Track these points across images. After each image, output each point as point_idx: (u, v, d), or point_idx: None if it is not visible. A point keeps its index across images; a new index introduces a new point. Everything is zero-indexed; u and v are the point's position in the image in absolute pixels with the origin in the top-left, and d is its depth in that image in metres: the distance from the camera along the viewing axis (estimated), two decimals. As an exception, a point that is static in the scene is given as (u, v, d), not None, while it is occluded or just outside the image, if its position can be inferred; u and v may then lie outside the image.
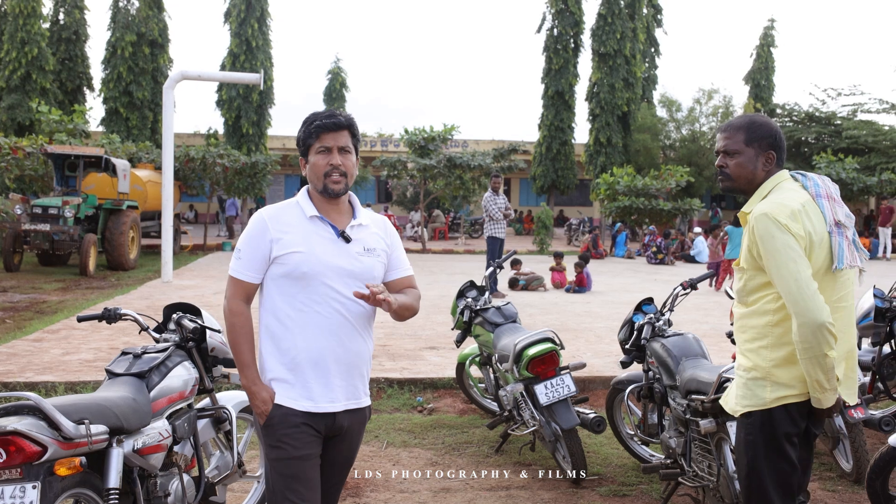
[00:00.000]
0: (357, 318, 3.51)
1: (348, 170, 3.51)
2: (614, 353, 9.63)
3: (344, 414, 3.50)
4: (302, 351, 3.42)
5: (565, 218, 44.25)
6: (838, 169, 31.73)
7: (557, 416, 5.86)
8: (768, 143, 3.68)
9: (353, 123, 3.54)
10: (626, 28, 38.56)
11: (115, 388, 4.01)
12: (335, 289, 3.44)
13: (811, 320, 3.34)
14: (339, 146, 3.48)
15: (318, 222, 3.51)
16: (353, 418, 3.56)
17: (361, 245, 3.55)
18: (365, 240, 3.58)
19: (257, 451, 5.51)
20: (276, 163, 29.71)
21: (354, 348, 3.51)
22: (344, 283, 3.46)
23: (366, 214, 3.67)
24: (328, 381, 3.45)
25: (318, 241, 3.47)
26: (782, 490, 3.59)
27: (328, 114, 3.51)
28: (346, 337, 3.47)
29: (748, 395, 3.63)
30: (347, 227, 3.55)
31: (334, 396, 3.47)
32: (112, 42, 35.55)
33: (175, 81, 18.02)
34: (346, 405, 3.51)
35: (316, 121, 3.49)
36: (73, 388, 7.89)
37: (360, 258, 3.52)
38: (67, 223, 18.74)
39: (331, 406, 3.46)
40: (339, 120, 3.49)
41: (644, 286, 18.20)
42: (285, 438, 3.41)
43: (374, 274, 3.55)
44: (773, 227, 3.44)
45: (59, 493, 3.43)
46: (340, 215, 3.59)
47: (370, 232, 3.63)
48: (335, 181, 3.48)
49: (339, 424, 3.50)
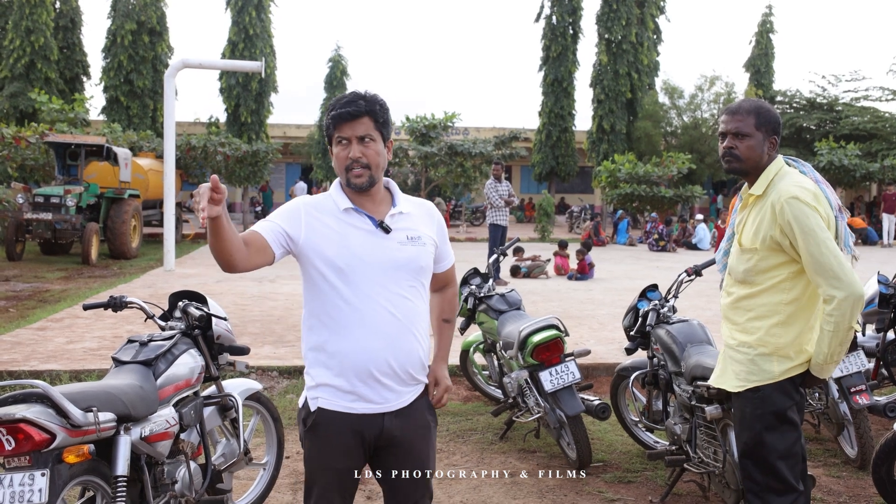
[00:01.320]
0: (405, 313, 3.22)
1: (372, 160, 3.17)
2: (618, 339, 9.63)
3: (393, 418, 3.24)
4: (347, 353, 3.16)
5: (567, 205, 44.19)
6: (840, 155, 31.65)
7: (562, 402, 5.86)
8: (773, 129, 3.83)
9: (375, 108, 3.19)
10: (633, 15, 38.46)
11: (122, 375, 4.02)
12: (377, 283, 3.16)
13: (853, 293, 3.51)
14: (358, 136, 3.15)
15: (354, 214, 3.22)
16: (407, 421, 3.27)
17: (404, 234, 3.25)
18: (408, 228, 3.28)
19: (263, 439, 5.52)
20: (277, 151, 29.69)
21: (404, 346, 3.21)
22: (387, 275, 3.18)
23: (407, 201, 3.38)
24: (375, 384, 3.18)
25: (353, 233, 3.18)
26: (792, 458, 3.77)
27: (346, 100, 3.19)
28: (394, 335, 3.18)
29: (755, 371, 3.79)
30: (387, 217, 3.25)
31: (381, 399, 3.21)
32: (112, 30, 35.51)
33: (176, 70, 18.01)
34: (394, 406, 3.24)
35: (333, 109, 3.19)
36: (77, 377, 7.90)
37: (404, 248, 3.23)
38: (69, 212, 18.74)
39: (380, 408, 3.21)
40: (358, 107, 3.15)
41: (646, 273, 18.20)
42: (327, 445, 3.22)
43: (421, 263, 3.27)
44: (807, 208, 3.59)
45: (68, 481, 3.44)
46: (377, 205, 3.28)
47: (414, 219, 3.33)
48: (357, 175, 3.17)
49: (388, 430, 3.23)
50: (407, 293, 3.23)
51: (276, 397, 7.65)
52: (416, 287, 3.28)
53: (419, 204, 3.44)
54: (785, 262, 3.71)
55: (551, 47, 39.29)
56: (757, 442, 3.79)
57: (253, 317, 11.49)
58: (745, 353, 3.82)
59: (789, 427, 3.76)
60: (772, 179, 3.78)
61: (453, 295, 3.60)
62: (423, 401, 3.37)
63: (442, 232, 3.45)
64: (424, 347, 3.31)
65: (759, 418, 3.78)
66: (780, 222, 3.64)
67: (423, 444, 3.35)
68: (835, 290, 3.53)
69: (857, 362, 5.92)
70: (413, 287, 3.26)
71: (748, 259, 3.80)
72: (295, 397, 7.68)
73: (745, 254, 3.82)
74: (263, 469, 5.24)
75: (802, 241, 3.59)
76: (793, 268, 3.70)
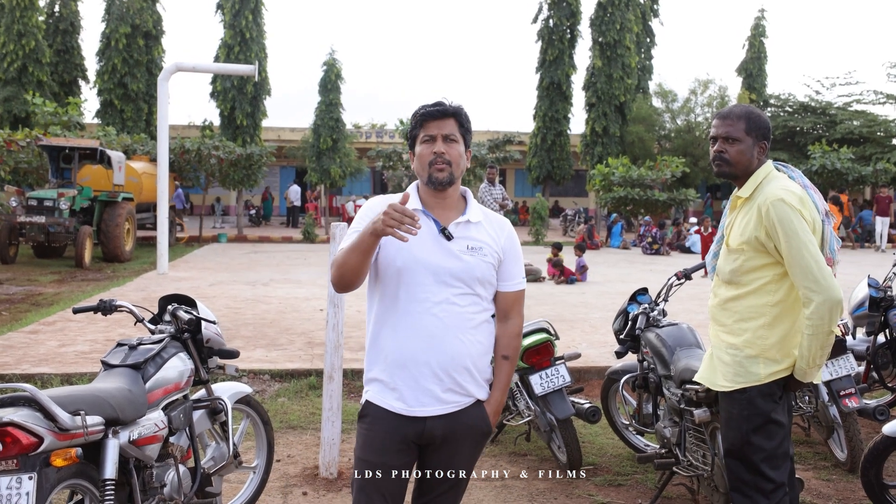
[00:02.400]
0: (452, 318, 3.21)
1: (454, 158, 3.25)
2: (609, 343, 9.64)
3: (436, 420, 3.22)
4: (392, 351, 3.22)
5: (561, 208, 44.26)
6: (833, 159, 31.71)
7: (552, 406, 5.87)
8: (763, 134, 3.90)
9: (461, 112, 3.32)
10: (626, 18, 38.52)
11: (110, 379, 4.01)
12: (430, 289, 3.19)
13: (831, 298, 3.57)
14: (444, 134, 3.25)
15: (421, 216, 3.22)
16: (451, 425, 3.25)
17: (465, 243, 3.26)
18: (472, 237, 3.28)
19: (253, 443, 5.52)
20: (271, 154, 29.68)
21: (449, 350, 3.19)
22: (440, 281, 3.20)
23: (479, 211, 3.39)
24: (417, 385, 3.19)
25: (417, 235, 3.09)
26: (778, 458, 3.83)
27: (434, 102, 3.32)
28: (438, 338, 3.19)
29: (742, 373, 3.84)
30: (452, 224, 3.27)
31: (424, 401, 3.21)
32: (106, 34, 35.50)
33: (170, 73, 18.00)
34: (436, 410, 3.22)
35: (421, 110, 3.30)
36: (68, 380, 7.90)
37: (462, 256, 3.23)
38: (63, 215, 18.74)
39: (421, 411, 3.21)
40: (445, 108, 3.28)
41: (639, 277, 18.23)
42: (372, 439, 3.25)
43: (477, 274, 3.25)
44: (791, 211, 3.65)
45: (56, 484, 3.43)
46: (447, 211, 3.31)
47: (481, 230, 3.33)
48: (439, 168, 3.23)
49: (430, 432, 3.23)
50: (458, 300, 3.23)
51: (267, 401, 7.65)
52: (471, 296, 3.27)
53: (492, 217, 3.44)
54: (770, 263, 3.77)
55: (548, 51, 39.30)
56: (744, 442, 3.84)
57: (246, 320, 11.49)
58: (732, 355, 3.88)
59: (776, 428, 3.81)
60: (760, 183, 3.85)
61: (517, 330, 3.47)
62: (477, 410, 3.34)
63: (512, 249, 3.42)
64: (474, 354, 3.28)
65: (746, 419, 3.83)
66: (766, 224, 3.70)
67: (463, 450, 3.33)
68: (813, 294, 3.59)
69: (847, 366, 5.94)
70: (466, 296, 3.25)
71: (735, 260, 3.87)
72: (286, 401, 7.69)
73: (732, 254, 3.90)
74: (253, 472, 5.24)
75: (785, 244, 3.65)
76: (778, 270, 3.76)
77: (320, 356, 8.87)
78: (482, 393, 3.35)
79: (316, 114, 34.28)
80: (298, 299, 13.80)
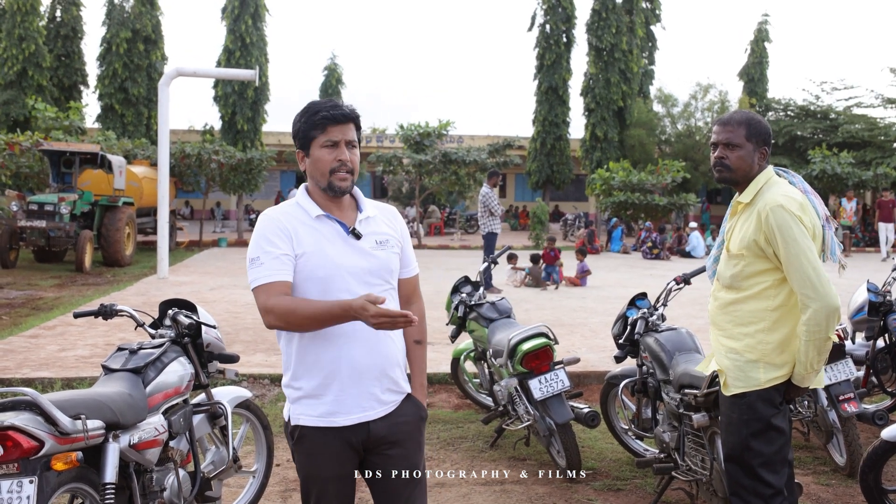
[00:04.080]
0: None
1: (355, 166, 3.25)
2: (608, 347, 9.65)
3: (378, 423, 3.23)
4: (330, 361, 3.16)
5: (561, 213, 44.24)
6: (833, 163, 31.67)
7: (552, 410, 5.88)
8: (763, 140, 3.93)
9: (358, 117, 3.27)
10: (622, 22, 38.51)
11: (111, 383, 4.03)
12: (354, 290, 3.13)
13: (828, 305, 3.60)
14: (347, 140, 3.21)
15: (326, 221, 3.23)
16: (392, 422, 3.27)
17: (373, 239, 3.28)
18: (376, 232, 3.30)
19: (253, 447, 5.53)
20: (271, 159, 29.70)
21: (383, 351, 3.23)
22: (362, 281, 3.19)
23: (371, 205, 3.40)
24: (359, 391, 3.18)
25: (328, 241, 3.19)
26: (778, 463, 3.85)
27: (332, 104, 3.23)
28: (374, 340, 3.19)
29: (742, 377, 3.87)
30: (356, 223, 3.27)
31: (366, 406, 3.21)
32: (107, 39, 35.48)
33: (171, 78, 18.03)
34: (378, 413, 3.24)
35: (321, 111, 3.19)
36: (69, 384, 7.91)
37: (375, 253, 3.25)
38: (63, 220, 18.75)
39: (364, 416, 3.21)
40: (346, 111, 3.21)
41: (639, 281, 18.23)
42: (316, 458, 3.22)
43: (391, 267, 3.30)
44: (790, 218, 3.68)
45: (56, 488, 3.45)
46: (345, 211, 3.30)
47: (379, 223, 3.35)
48: (342, 178, 3.21)
49: (374, 435, 3.23)
50: (385, 294, 3.21)
51: (267, 405, 7.66)
52: (389, 291, 3.29)
53: (382, 208, 3.47)
54: (770, 268, 3.79)
55: (545, 56, 39.27)
56: (743, 447, 3.86)
57: (245, 324, 11.50)
58: (733, 360, 3.90)
59: (776, 433, 3.83)
60: (760, 188, 3.88)
61: (421, 313, 3.51)
62: (409, 402, 3.37)
63: (405, 236, 3.46)
64: (401, 349, 3.35)
65: (746, 424, 3.85)
66: (765, 230, 3.73)
67: (411, 442, 3.34)
68: (810, 301, 3.62)
69: (846, 370, 5.95)
70: (386, 291, 3.26)
71: (735, 265, 3.90)
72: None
73: (733, 259, 3.92)
74: (253, 477, 5.25)
75: (784, 250, 3.67)
76: (778, 275, 3.78)
77: (320, 361, 8.86)
78: (408, 385, 3.39)
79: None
80: (298, 304, 13.76)
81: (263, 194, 40.60)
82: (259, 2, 34.51)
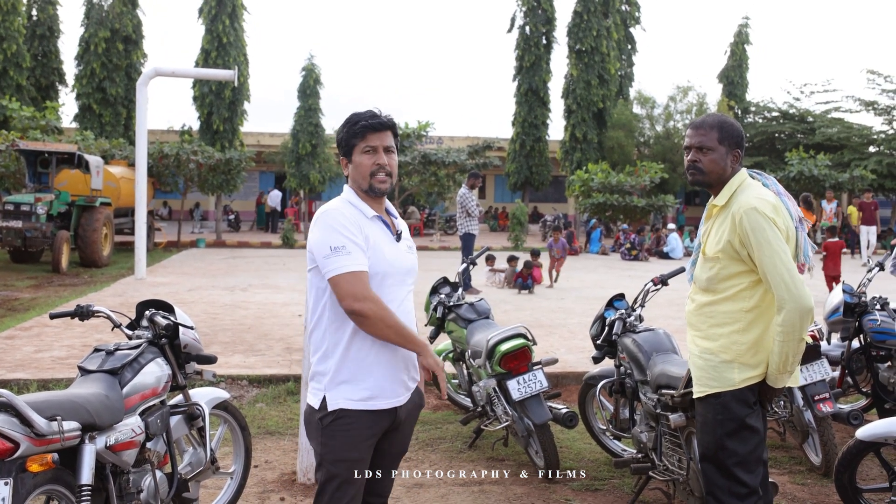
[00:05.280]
0: (409, 314, 3.58)
1: (393, 169, 3.55)
2: (587, 348, 9.67)
3: (403, 407, 3.55)
4: (375, 352, 3.43)
5: (540, 214, 44.33)
6: (810, 165, 31.91)
7: (530, 411, 5.89)
8: (736, 143, 3.97)
9: (395, 125, 3.59)
10: (602, 25, 38.65)
11: (87, 384, 4.01)
12: (396, 288, 3.50)
13: (802, 306, 3.63)
14: (385, 146, 3.51)
15: (378, 222, 3.53)
16: (409, 407, 3.60)
17: (405, 243, 3.63)
18: (406, 237, 3.67)
19: (231, 448, 5.51)
20: (250, 159, 29.60)
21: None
22: (401, 281, 3.53)
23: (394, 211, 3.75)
24: (395, 378, 3.49)
25: (383, 241, 3.50)
26: (753, 463, 3.87)
27: (371, 114, 3.53)
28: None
29: (716, 378, 3.89)
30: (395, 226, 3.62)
31: (399, 392, 3.52)
32: (85, 38, 35.24)
33: (149, 78, 17.95)
34: (405, 398, 3.56)
35: (361, 121, 3.49)
36: (45, 386, 7.86)
37: (410, 255, 3.62)
38: (40, 220, 18.63)
39: (397, 401, 3.51)
40: (384, 120, 3.52)
41: (618, 282, 18.30)
42: (354, 439, 3.43)
43: (417, 268, 3.67)
44: (763, 220, 3.71)
45: (32, 490, 3.43)
46: (384, 215, 3.61)
47: (404, 225, 3.72)
48: (381, 181, 3.50)
49: (399, 418, 3.55)
50: (409, 295, 3.62)
51: (245, 406, 7.64)
52: (412, 290, 3.66)
53: (394, 210, 3.76)
54: (745, 270, 3.82)
55: (524, 57, 39.38)
56: (718, 447, 3.89)
57: (224, 325, 11.46)
58: (708, 360, 3.92)
59: (750, 433, 3.86)
60: (735, 191, 3.91)
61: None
62: (416, 390, 3.68)
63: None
64: None
65: (721, 424, 3.87)
66: (739, 232, 3.75)
67: (411, 426, 3.72)
68: (784, 302, 3.65)
69: (822, 371, 5.99)
70: (411, 290, 3.64)
71: (711, 267, 3.92)
72: (264, 406, 7.68)
73: (708, 262, 3.94)
74: (231, 478, 5.23)
75: (758, 252, 3.70)
76: (753, 277, 3.81)
77: (298, 362, 8.85)
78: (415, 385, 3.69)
79: (295, 119, 34.18)
80: (277, 305, 13.77)
81: (242, 195, 40.46)
82: (236, 1, 34.34)
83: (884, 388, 6.93)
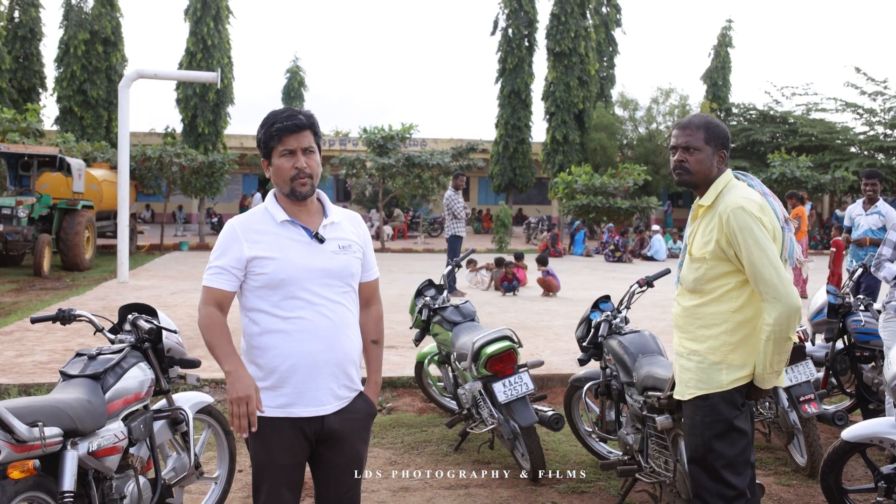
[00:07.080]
0: (341, 318, 3.46)
1: (314, 170, 3.42)
2: (572, 350, 9.67)
3: (333, 417, 3.44)
4: (290, 357, 3.36)
5: (524, 216, 44.39)
6: (792, 167, 32.05)
7: (516, 413, 5.87)
8: (722, 143, 3.96)
9: (315, 122, 3.45)
10: (580, 27, 38.72)
11: (69, 389, 3.97)
12: (316, 292, 3.39)
13: (790, 306, 3.63)
14: (303, 147, 3.39)
15: (290, 226, 3.44)
16: (345, 418, 3.47)
17: (336, 243, 3.49)
18: (339, 237, 3.52)
19: (215, 453, 5.47)
20: (233, 162, 29.51)
21: (343, 349, 3.46)
22: (324, 284, 3.42)
23: (337, 211, 3.62)
24: (318, 386, 3.39)
25: (291, 245, 3.41)
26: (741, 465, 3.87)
27: (288, 114, 3.41)
28: (333, 339, 3.42)
29: (704, 380, 3.88)
30: (320, 228, 3.48)
31: (324, 400, 3.42)
32: (65, 40, 35.13)
33: (131, 80, 17.84)
34: (333, 408, 3.45)
35: (276, 123, 3.38)
36: (26, 391, 7.79)
37: (336, 257, 3.47)
38: (21, 223, 18.48)
39: (320, 410, 3.41)
40: (301, 120, 3.39)
41: (602, 284, 18.32)
42: (272, 447, 3.40)
43: (352, 271, 3.52)
44: (750, 220, 3.71)
45: (13, 497, 3.38)
46: (311, 216, 3.51)
47: (343, 229, 3.57)
48: (302, 183, 3.39)
49: (328, 428, 3.43)
50: (341, 298, 3.48)
51: (229, 410, 7.58)
52: (349, 293, 3.54)
53: (347, 214, 3.69)
54: (731, 271, 3.82)
55: (507, 59, 39.45)
56: (706, 449, 3.87)
57: (207, 329, 11.37)
58: (696, 362, 3.91)
59: (738, 435, 3.85)
60: (720, 191, 3.90)
61: (379, 315, 3.79)
62: (361, 399, 3.59)
63: (367, 242, 3.69)
64: (357, 348, 3.58)
65: (709, 426, 3.86)
66: (726, 232, 3.75)
67: (358, 440, 3.58)
68: (772, 302, 3.65)
69: (806, 372, 6.00)
70: (346, 293, 3.51)
71: (697, 268, 3.91)
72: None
73: (695, 263, 3.93)
74: (215, 483, 5.19)
75: (745, 251, 3.69)
76: (739, 277, 3.81)
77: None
78: (360, 383, 3.62)
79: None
80: (261, 308, 13.67)
81: (226, 197, 40.28)
82: (221, 3, 34.25)
83: (868, 388, 6.96)
